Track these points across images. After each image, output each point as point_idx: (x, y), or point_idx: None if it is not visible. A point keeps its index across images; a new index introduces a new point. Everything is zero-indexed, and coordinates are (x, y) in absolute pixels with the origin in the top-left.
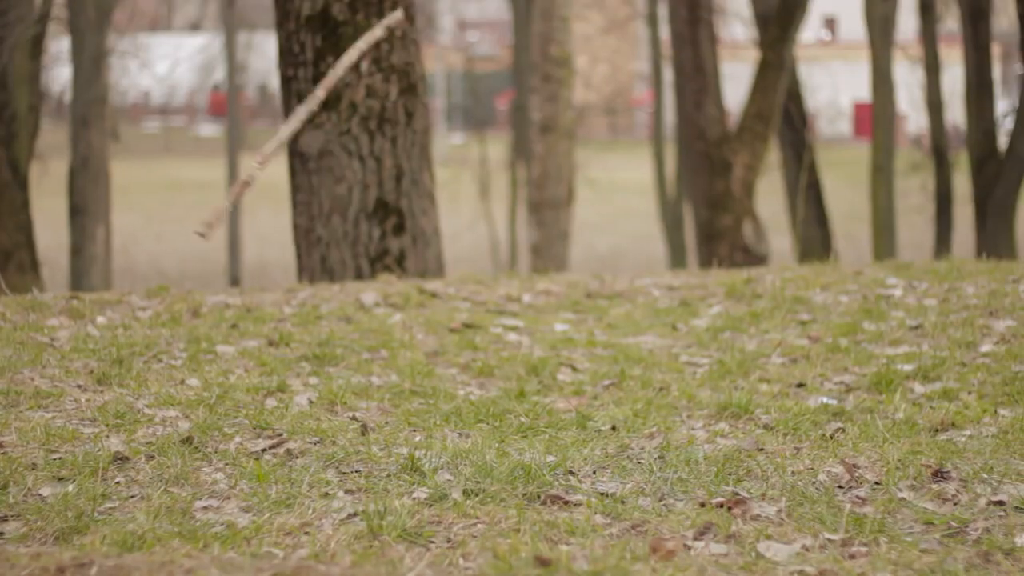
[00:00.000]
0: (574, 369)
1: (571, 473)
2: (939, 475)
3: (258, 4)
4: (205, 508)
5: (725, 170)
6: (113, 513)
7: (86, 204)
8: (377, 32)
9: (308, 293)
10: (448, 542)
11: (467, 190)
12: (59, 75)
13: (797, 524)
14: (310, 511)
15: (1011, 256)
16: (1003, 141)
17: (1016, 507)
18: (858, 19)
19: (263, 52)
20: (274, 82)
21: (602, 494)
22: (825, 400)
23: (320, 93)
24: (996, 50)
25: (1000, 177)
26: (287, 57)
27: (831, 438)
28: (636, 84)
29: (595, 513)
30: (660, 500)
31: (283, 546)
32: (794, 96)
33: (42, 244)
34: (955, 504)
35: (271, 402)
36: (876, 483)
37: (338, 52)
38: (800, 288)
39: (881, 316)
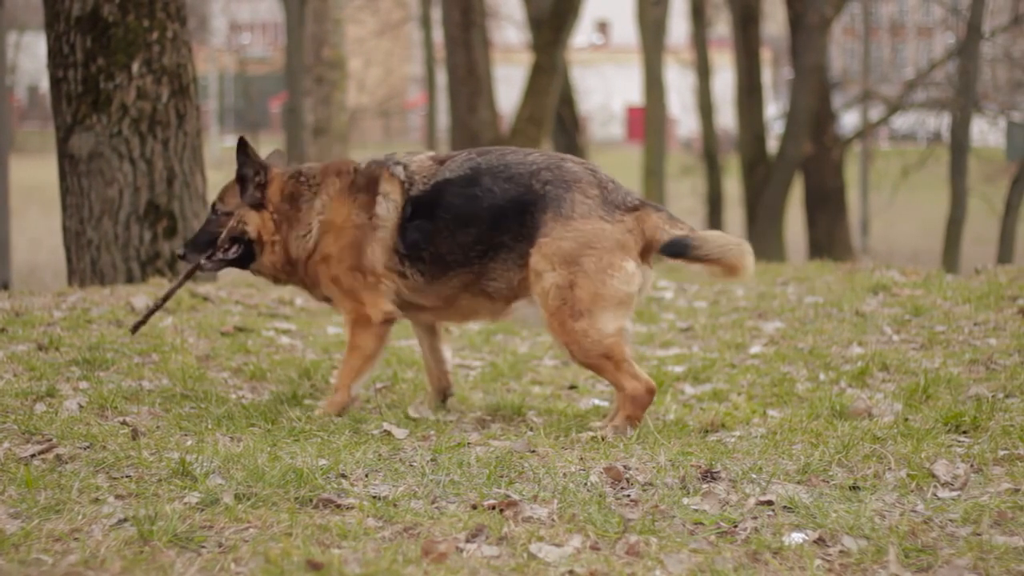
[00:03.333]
0: None
1: (343, 476)
2: (709, 475)
3: (28, 4)
4: None
5: None
6: None
7: None
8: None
9: (78, 297)
10: (220, 547)
11: None
12: None
13: (568, 525)
14: (80, 517)
15: (780, 258)
16: (773, 144)
17: (784, 507)
18: (630, 23)
19: (33, 53)
20: (44, 83)
21: (374, 497)
22: (596, 402)
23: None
24: (766, 54)
25: (770, 180)
26: (57, 58)
27: (602, 440)
28: (410, 87)
29: (367, 516)
30: (432, 503)
31: (52, 552)
32: (567, 100)
33: None
34: (724, 504)
35: (40, 407)
36: (647, 484)
37: (108, 53)
38: None
39: (652, 318)
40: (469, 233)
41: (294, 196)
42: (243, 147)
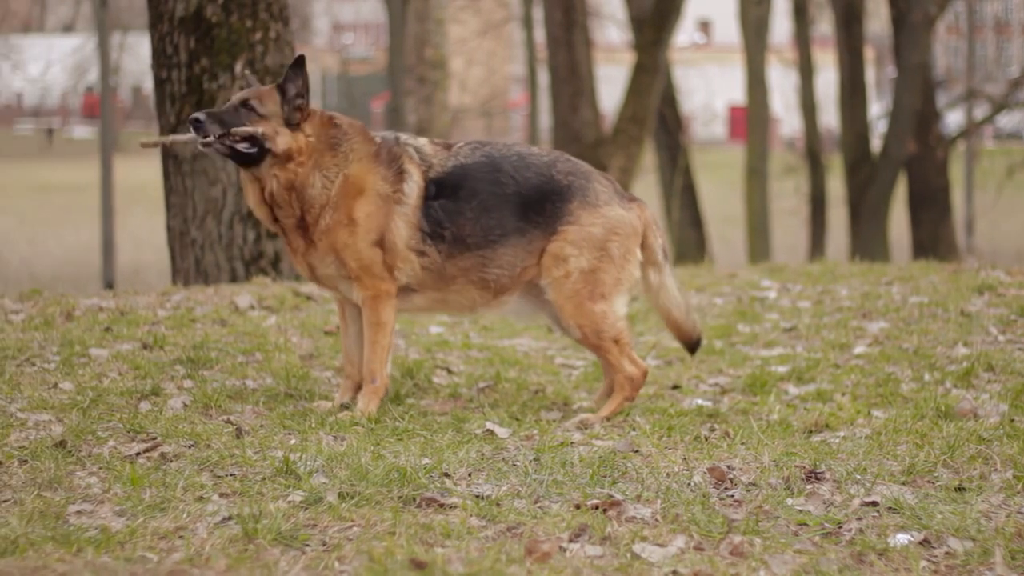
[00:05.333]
0: (450, 372)
1: (446, 476)
2: (813, 476)
3: (132, 5)
4: (79, 512)
5: None
6: None
7: None
8: None
9: (182, 296)
10: (323, 545)
11: None
12: None
13: (672, 525)
14: (184, 515)
15: (884, 258)
16: (876, 144)
17: (889, 508)
18: (733, 22)
19: (137, 54)
20: (148, 84)
21: (477, 496)
22: (700, 402)
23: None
24: (869, 53)
25: (873, 180)
26: (161, 59)
27: (706, 440)
28: (512, 87)
29: (470, 516)
30: (535, 502)
31: (157, 550)
32: (669, 99)
33: None
34: (829, 505)
35: (145, 405)
36: (751, 484)
37: (211, 54)
38: None
39: (756, 318)
40: (492, 217)
41: (329, 138)
42: (300, 64)
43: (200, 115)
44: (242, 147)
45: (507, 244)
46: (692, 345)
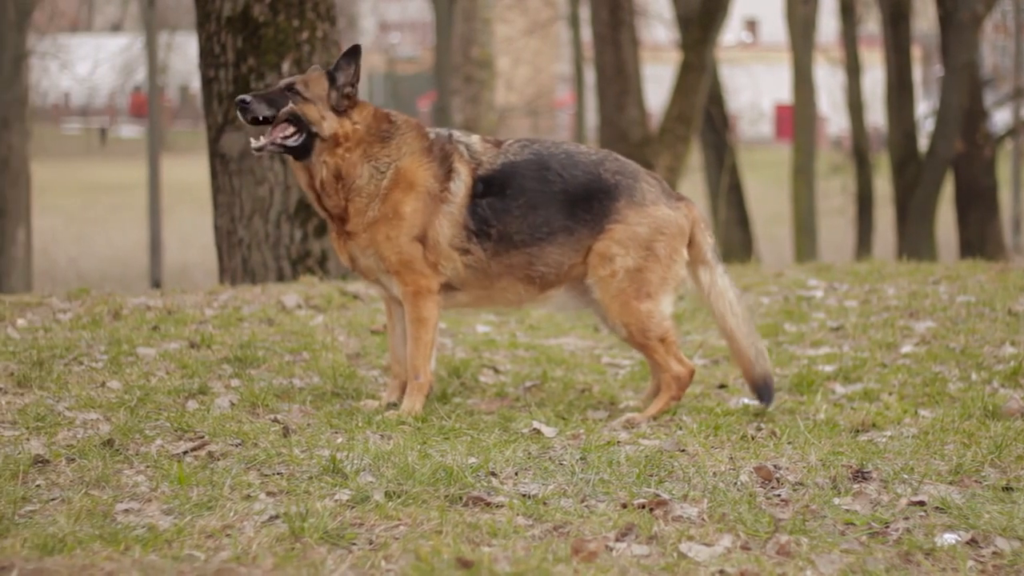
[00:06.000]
0: (496, 371)
1: (493, 475)
2: (860, 475)
3: (179, 5)
4: (126, 511)
5: None
6: (34, 516)
7: (6, 206)
8: None
9: (230, 295)
10: (370, 544)
11: None
12: None
13: (719, 525)
14: (232, 513)
15: (931, 257)
16: (923, 143)
17: (936, 507)
18: (779, 21)
19: (184, 53)
20: (195, 83)
21: (524, 495)
22: (746, 401)
23: None
24: (916, 52)
25: (920, 179)
26: (208, 58)
27: (752, 439)
28: (558, 86)
29: (517, 515)
30: (582, 501)
31: (205, 548)
32: (715, 98)
33: None
34: (876, 504)
35: (192, 404)
36: (797, 483)
37: (258, 53)
38: None
39: (802, 317)
40: (539, 215)
41: (380, 131)
42: (354, 54)
43: (247, 96)
44: (290, 140)
45: (554, 242)
46: (756, 382)
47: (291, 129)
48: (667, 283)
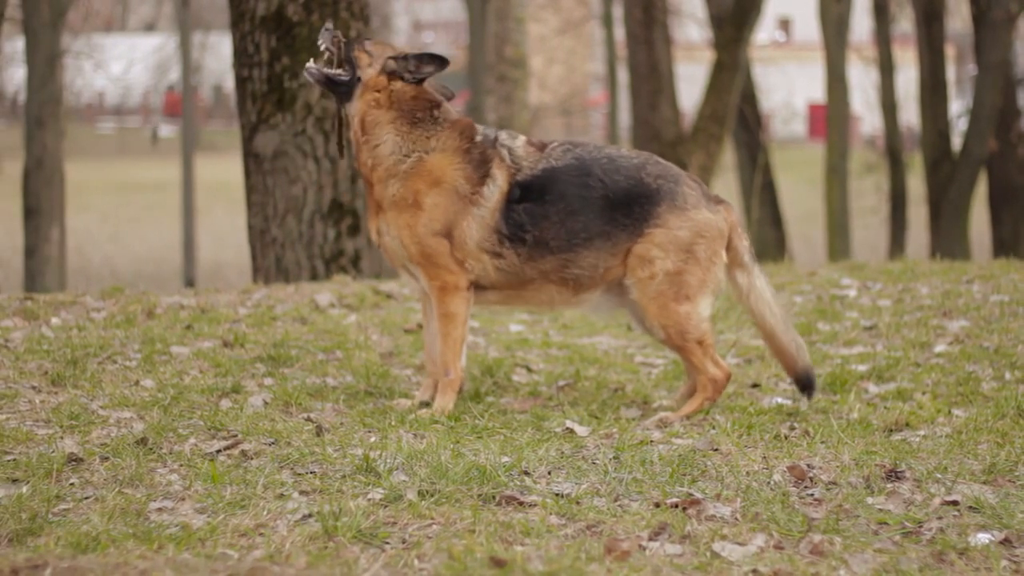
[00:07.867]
0: (529, 370)
1: (526, 474)
2: (893, 475)
3: (213, 4)
4: (160, 509)
5: None
6: (67, 514)
7: (40, 205)
8: None
9: (263, 294)
10: (403, 543)
11: None
12: (13, 76)
13: (752, 524)
14: (265, 512)
15: (965, 257)
16: (957, 142)
17: (970, 507)
18: (813, 20)
19: (218, 52)
20: (229, 82)
21: (557, 495)
22: (779, 400)
23: None
24: (950, 51)
25: (954, 178)
26: (242, 58)
27: (785, 438)
28: (591, 85)
29: (550, 514)
30: (615, 500)
31: (238, 547)
32: (749, 97)
33: None
34: (909, 504)
35: (226, 403)
36: (831, 483)
37: (292, 53)
38: None
39: (836, 316)
40: (578, 220)
41: (413, 111)
42: (436, 59)
43: (328, 24)
44: (338, 76)
45: (591, 247)
46: (799, 376)
47: (342, 65)
48: (706, 286)
